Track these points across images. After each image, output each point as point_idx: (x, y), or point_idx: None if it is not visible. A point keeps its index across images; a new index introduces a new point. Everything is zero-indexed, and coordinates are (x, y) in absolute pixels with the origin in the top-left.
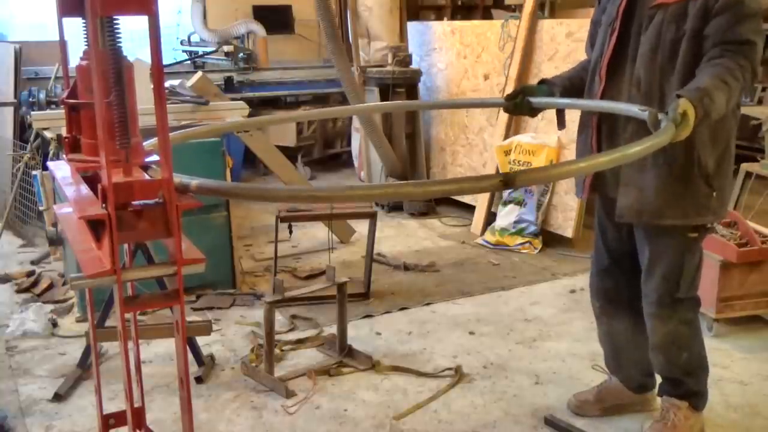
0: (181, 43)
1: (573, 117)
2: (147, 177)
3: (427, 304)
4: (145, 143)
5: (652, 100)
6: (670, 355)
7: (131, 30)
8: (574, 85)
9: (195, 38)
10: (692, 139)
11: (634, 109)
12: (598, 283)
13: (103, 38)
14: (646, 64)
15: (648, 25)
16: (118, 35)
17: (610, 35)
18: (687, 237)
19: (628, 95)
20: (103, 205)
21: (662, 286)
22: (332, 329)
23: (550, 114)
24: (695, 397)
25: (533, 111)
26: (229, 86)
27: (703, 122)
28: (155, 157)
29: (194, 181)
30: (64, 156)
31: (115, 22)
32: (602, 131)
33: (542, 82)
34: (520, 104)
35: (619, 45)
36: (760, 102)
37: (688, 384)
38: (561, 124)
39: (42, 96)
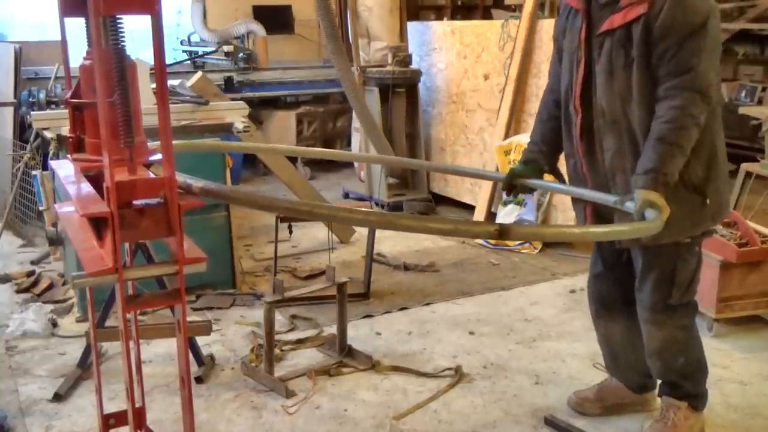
0: (181, 43)
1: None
2: (151, 175)
3: (427, 304)
4: (152, 143)
5: (620, 129)
6: (667, 360)
7: (131, 29)
8: (550, 143)
9: (195, 38)
10: None
11: (611, 200)
12: (593, 287)
13: (106, 38)
14: (606, 93)
15: (600, 53)
16: (121, 34)
17: (576, 65)
18: (679, 244)
19: (597, 125)
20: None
21: (655, 294)
22: (332, 329)
23: None
24: (694, 399)
25: (531, 189)
26: (229, 86)
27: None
28: (159, 156)
29: (197, 183)
30: (68, 155)
31: (118, 21)
32: (587, 158)
33: (525, 161)
34: (520, 187)
35: (587, 75)
36: (760, 102)
37: (686, 387)
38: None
39: (42, 96)
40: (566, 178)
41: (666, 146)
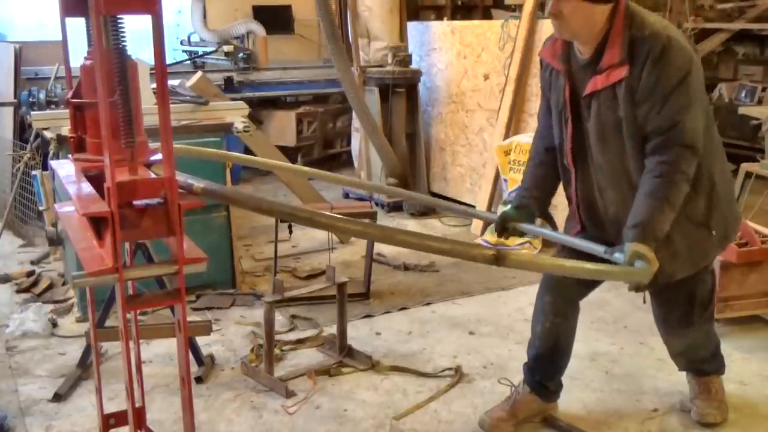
0: (181, 43)
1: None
2: (152, 175)
3: (427, 304)
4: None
5: (620, 182)
6: (690, 356)
7: (131, 29)
8: (541, 188)
9: (195, 38)
10: None
11: (600, 250)
12: (556, 278)
13: (107, 37)
14: (601, 151)
15: (588, 114)
16: (122, 34)
17: (564, 124)
18: (696, 271)
19: (595, 180)
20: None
21: (678, 316)
22: (332, 329)
23: None
24: (719, 371)
25: (523, 233)
26: (228, 86)
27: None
28: (159, 156)
29: (198, 183)
30: (68, 155)
31: (118, 21)
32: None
33: (516, 206)
34: (512, 230)
35: (576, 132)
36: (760, 102)
37: (710, 367)
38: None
39: (42, 96)
40: (557, 222)
41: (655, 201)
